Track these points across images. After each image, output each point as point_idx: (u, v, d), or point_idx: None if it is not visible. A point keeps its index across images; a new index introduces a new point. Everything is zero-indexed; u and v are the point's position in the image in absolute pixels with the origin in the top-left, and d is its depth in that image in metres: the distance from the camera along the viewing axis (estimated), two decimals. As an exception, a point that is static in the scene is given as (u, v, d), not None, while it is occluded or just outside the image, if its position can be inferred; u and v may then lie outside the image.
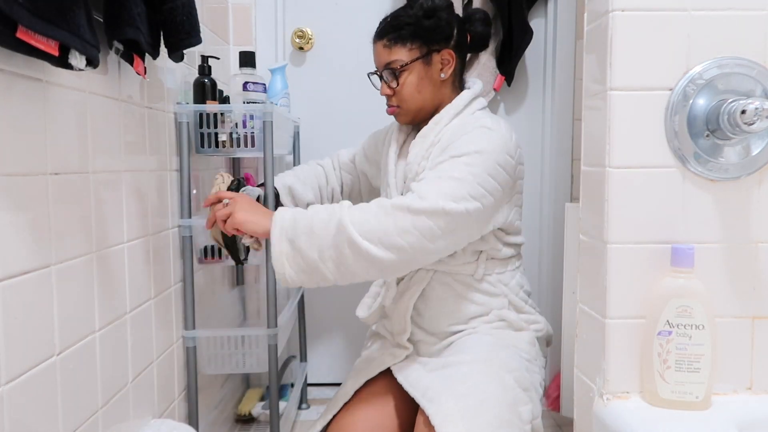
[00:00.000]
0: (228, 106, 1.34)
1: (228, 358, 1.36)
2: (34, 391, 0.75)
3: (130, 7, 0.89)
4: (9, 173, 0.71)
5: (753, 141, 0.84)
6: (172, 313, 1.26)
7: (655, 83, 0.84)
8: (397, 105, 1.27)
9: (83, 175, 0.89)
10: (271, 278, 1.32)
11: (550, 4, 1.84)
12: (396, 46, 1.24)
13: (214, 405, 1.55)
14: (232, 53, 1.77)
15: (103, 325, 0.95)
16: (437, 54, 1.24)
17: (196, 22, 1.08)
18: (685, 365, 0.81)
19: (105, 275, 0.95)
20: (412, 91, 1.24)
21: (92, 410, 0.91)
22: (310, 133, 1.89)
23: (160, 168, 1.20)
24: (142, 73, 1.00)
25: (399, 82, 1.24)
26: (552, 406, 1.72)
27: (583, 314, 0.95)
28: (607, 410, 0.84)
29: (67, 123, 0.84)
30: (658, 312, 0.82)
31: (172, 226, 1.26)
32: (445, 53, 1.24)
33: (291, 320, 1.57)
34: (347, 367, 1.86)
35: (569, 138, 1.84)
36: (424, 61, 1.24)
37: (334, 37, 1.88)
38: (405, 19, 1.23)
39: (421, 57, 1.23)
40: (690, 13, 0.83)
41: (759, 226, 0.85)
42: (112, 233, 0.99)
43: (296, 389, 1.74)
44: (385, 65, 1.25)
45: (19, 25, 0.64)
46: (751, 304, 0.86)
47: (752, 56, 0.83)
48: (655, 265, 0.85)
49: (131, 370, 1.05)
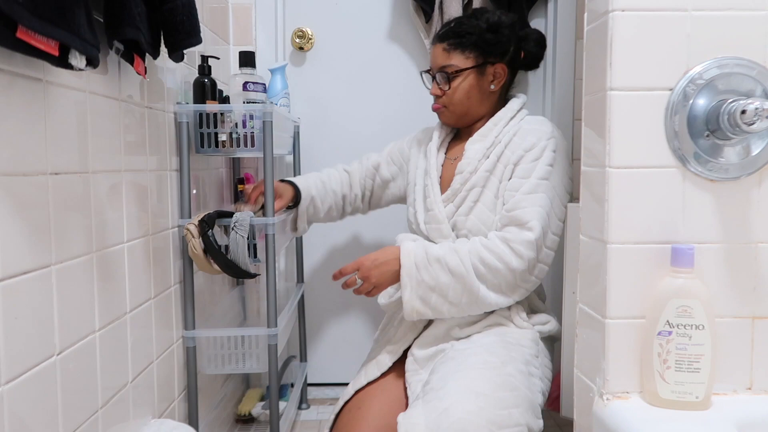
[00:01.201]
0: (228, 106, 1.34)
1: (228, 358, 1.36)
2: (34, 391, 0.75)
3: (130, 7, 0.89)
4: (9, 173, 0.71)
5: (753, 141, 0.84)
6: (172, 313, 1.26)
7: (655, 83, 0.84)
8: (444, 105, 1.34)
9: (83, 175, 0.89)
10: (271, 278, 1.32)
11: (550, 4, 1.84)
12: (455, 52, 1.30)
13: (214, 405, 1.55)
14: (232, 53, 1.77)
15: (103, 325, 0.95)
16: (491, 66, 1.30)
17: (196, 22, 1.08)
18: (685, 365, 0.81)
19: (105, 275, 0.95)
20: (462, 96, 1.31)
21: (92, 410, 0.91)
22: (310, 133, 1.89)
23: (160, 168, 1.20)
24: (143, 73, 1.00)
25: (451, 86, 1.31)
26: (552, 407, 1.72)
27: (583, 314, 0.95)
28: (607, 410, 0.84)
29: (67, 123, 0.84)
30: (658, 312, 0.82)
31: (172, 226, 1.26)
32: (499, 67, 1.30)
33: (291, 320, 1.57)
34: (347, 367, 1.86)
35: (569, 138, 1.84)
36: (478, 71, 1.30)
37: (334, 37, 1.88)
38: (468, 29, 1.30)
39: (476, 66, 1.29)
40: (690, 13, 0.83)
41: (759, 226, 0.85)
42: (112, 233, 0.99)
43: (296, 389, 1.74)
44: (440, 67, 1.32)
45: (19, 24, 0.64)
46: (751, 304, 0.86)
47: (752, 56, 0.83)
48: (655, 265, 0.85)
49: (131, 370, 1.05)
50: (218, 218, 1.28)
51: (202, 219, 1.25)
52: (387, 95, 1.89)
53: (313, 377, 1.96)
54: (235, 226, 1.26)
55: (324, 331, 1.97)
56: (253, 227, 1.33)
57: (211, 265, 1.26)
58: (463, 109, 1.33)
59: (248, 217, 1.28)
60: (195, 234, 1.23)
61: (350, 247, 1.93)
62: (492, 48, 1.29)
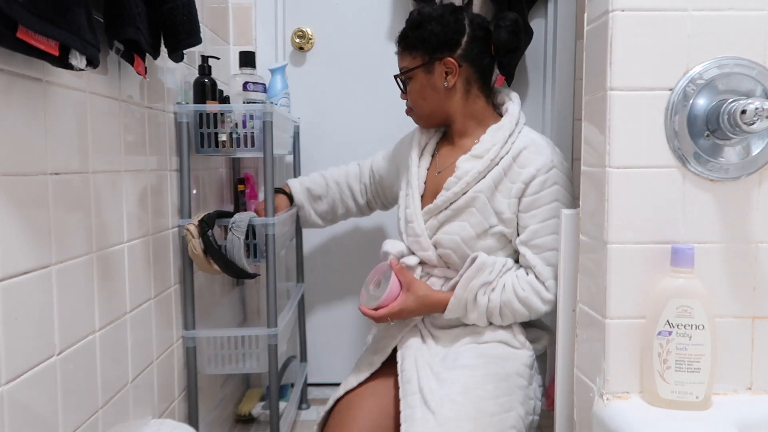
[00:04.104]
0: (228, 106, 1.34)
1: (228, 359, 1.36)
2: (34, 391, 0.75)
3: (130, 7, 0.89)
4: (9, 173, 0.71)
5: (753, 141, 0.84)
6: (172, 313, 1.26)
7: (655, 83, 0.84)
8: (410, 108, 1.33)
9: (83, 175, 0.89)
10: (271, 278, 1.32)
11: (550, 4, 1.84)
12: (404, 54, 1.29)
13: (214, 405, 1.55)
14: (232, 53, 1.77)
15: (103, 325, 0.95)
16: (439, 62, 1.25)
17: (196, 22, 1.08)
18: (685, 365, 0.81)
19: (105, 275, 0.95)
20: (417, 97, 1.29)
21: (92, 410, 0.91)
22: (310, 133, 1.89)
23: (160, 168, 1.20)
24: (143, 73, 1.00)
25: (407, 89, 1.30)
26: (552, 407, 1.72)
27: (583, 314, 0.95)
28: (607, 410, 0.84)
29: (67, 123, 0.84)
30: (658, 312, 0.82)
31: (172, 226, 1.26)
32: (448, 62, 1.24)
33: (291, 320, 1.57)
34: (347, 367, 1.86)
35: (569, 138, 1.84)
36: (425, 70, 1.26)
37: (334, 37, 1.87)
38: (408, 28, 1.28)
39: (422, 65, 1.26)
40: (690, 13, 0.83)
41: (759, 226, 0.85)
42: (112, 233, 0.99)
43: (296, 389, 1.74)
44: (399, 72, 1.31)
45: (20, 24, 0.64)
46: (751, 304, 0.86)
47: (752, 56, 0.83)
48: (655, 265, 0.85)
49: (131, 370, 1.05)
50: (218, 218, 1.28)
51: (202, 219, 1.25)
52: (387, 95, 1.88)
53: (313, 377, 1.96)
54: (233, 226, 1.26)
55: (324, 331, 1.97)
56: (253, 228, 1.33)
57: (211, 265, 1.26)
58: (425, 110, 1.30)
59: (247, 218, 1.28)
60: (195, 234, 1.24)
61: (350, 247, 1.93)
62: (427, 44, 1.23)
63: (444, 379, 1.14)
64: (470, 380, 1.13)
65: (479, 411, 1.09)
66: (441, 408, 1.08)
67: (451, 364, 1.17)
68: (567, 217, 1.03)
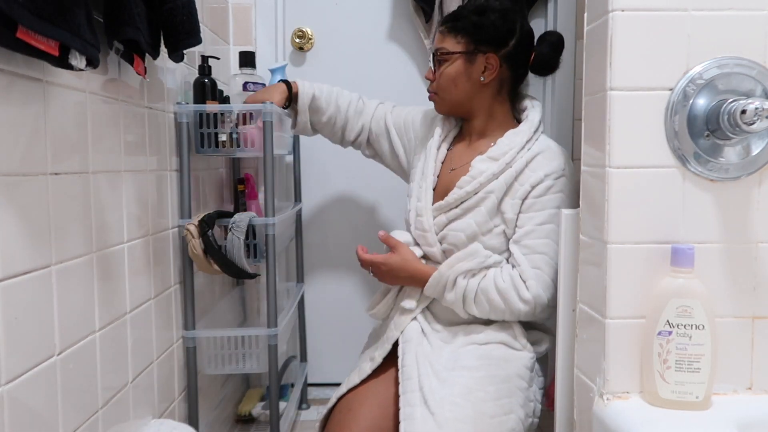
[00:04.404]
0: (228, 106, 1.34)
1: (228, 359, 1.36)
2: (34, 392, 0.75)
3: (130, 7, 0.89)
4: (9, 173, 0.71)
5: (753, 141, 0.84)
6: (172, 314, 1.26)
7: (655, 83, 0.84)
8: (434, 92, 1.32)
9: (83, 175, 0.89)
10: (271, 278, 1.32)
11: (550, 4, 1.84)
12: (448, 36, 1.28)
13: (214, 405, 1.55)
14: (232, 53, 1.77)
15: (103, 325, 0.95)
16: (483, 55, 1.25)
17: (196, 22, 1.08)
18: (685, 365, 0.81)
19: (105, 275, 0.95)
20: (448, 82, 1.28)
21: (92, 410, 0.91)
22: (310, 133, 1.89)
23: (160, 168, 1.20)
24: (142, 73, 1.00)
25: (440, 69, 1.28)
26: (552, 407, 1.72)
27: (583, 314, 0.95)
28: (607, 410, 0.84)
29: (67, 123, 0.84)
30: (658, 312, 0.82)
31: (172, 226, 1.26)
32: (491, 58, 1.25)
33: (291, 320, 1.57)
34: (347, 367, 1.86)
35: (569, 138, 1.84)
36: (466, 58, 1.26)
37: (334, 37, 1.88)
38: (462, 12, 1.28)
39: (465, 52, 1.26)
40: (690, 13, 0.83)
41: (759, 226, 0.85)
42: (112, 233, 0.99)
43: (296, 389, 1.74)
44: (435, 51, 1.30)
45: (19, 25, 0.64)
46: (751, 304, 0.86)
47: (752, 56, 0.83)
48: (655, 265, 0.85)
49: (131, 370, 1.05)
50: (218, 218, 1.28)
51: (202, 219, 1.25)
52: (387, 95, 1.88)
53: (313, 377, 1.96)
54: (233, 226, 1.26)
55: (324, 331, 1.97)
56: (253, 228, 1.33)
57: (211, 265, 1.27)
58: (452, 97, 1.29)
59: (247, 218, 1.28)
60: (195, 234, 1.24)
61: (350, 248, 1.93)
62: (480, 33, 1.24)
63: (444, 378, 1.14)
64: (471, 381, 1.12)
65: (479, 413, 1.09)
66: (441, 408, 1.08)
67: (452, 364, 1.17)
68: (567, 217, 1.03)
